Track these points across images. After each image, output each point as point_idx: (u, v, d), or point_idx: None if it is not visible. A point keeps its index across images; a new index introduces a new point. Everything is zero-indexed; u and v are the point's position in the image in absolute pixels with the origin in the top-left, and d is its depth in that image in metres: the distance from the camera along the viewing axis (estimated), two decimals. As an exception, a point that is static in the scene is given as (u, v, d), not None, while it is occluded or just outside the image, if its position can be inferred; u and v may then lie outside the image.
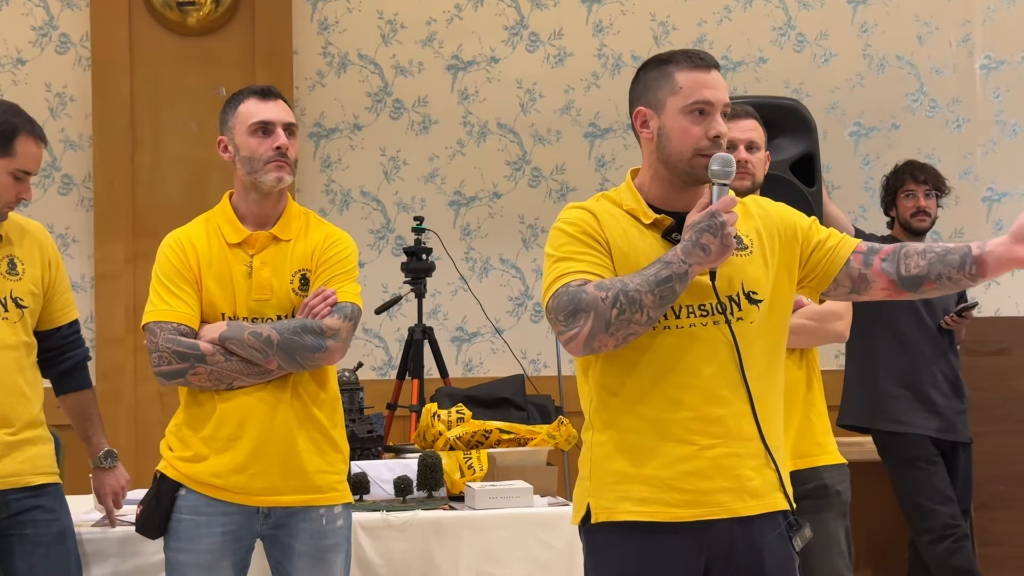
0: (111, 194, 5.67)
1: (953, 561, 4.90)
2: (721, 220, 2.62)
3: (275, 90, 3.39)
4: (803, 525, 2.74)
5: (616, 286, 2.63)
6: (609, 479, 2.71)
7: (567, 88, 6.09)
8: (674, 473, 2.66)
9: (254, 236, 3.30)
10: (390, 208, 5.99)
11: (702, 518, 2.66)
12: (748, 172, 3.61)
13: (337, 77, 5.97)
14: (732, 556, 2.68)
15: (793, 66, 6.21)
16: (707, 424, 2.66)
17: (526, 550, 3.74)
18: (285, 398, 3.23)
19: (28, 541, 3.36)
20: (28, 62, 5.76)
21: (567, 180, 6.07)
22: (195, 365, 3.19)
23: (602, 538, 2.73)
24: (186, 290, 3.26)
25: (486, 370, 5.93)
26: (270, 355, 3.18)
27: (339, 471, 3.32)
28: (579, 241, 2.73)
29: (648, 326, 2.64)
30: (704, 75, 2.73)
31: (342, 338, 3.23)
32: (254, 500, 3.23)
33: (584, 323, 2.63)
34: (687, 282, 2.63)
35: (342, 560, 3.32)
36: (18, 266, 3.42)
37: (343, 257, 3.33)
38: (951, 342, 5.11)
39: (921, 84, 6.32)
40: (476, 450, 4.01)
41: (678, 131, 2.73)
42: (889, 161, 5.56)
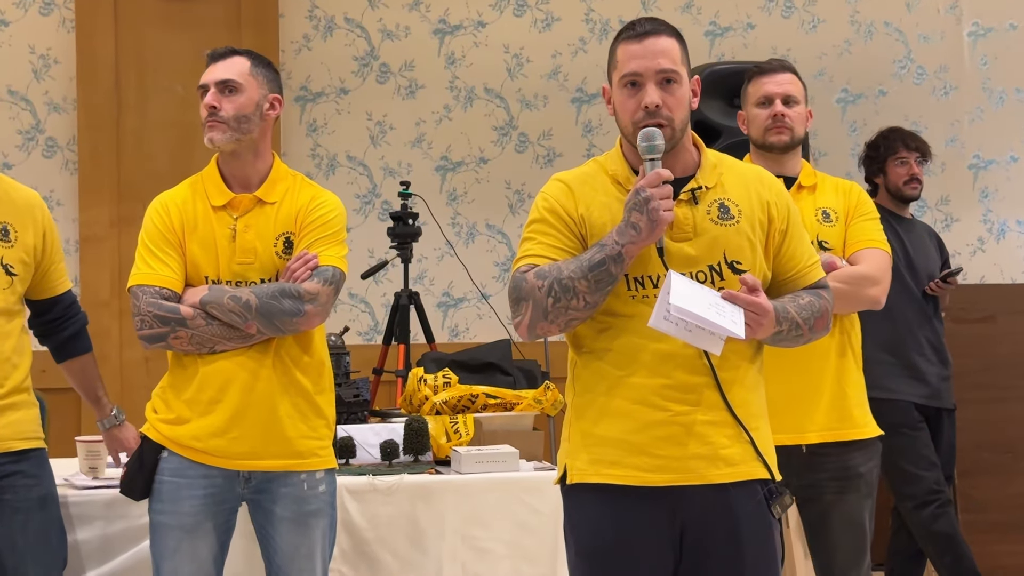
0: (96, 157, 5.65)
1: (936, 526, 4.92)
2: (645, 196, 2.61)
3: (224, 50, 3.33)
4: (783, 493, 2.74)
5: (552, 274, 2.65)
6: (584, 441, 2.73)
7: (554, 53, 6.07)
8: (647, 438, 2.67)
9: (238, 199, 3.28)
10: (376, 173, 5.97)
11: (674, 483, 2.67)
12: (786, 127, 3.57)
13: (323, 41, 5.94)
14: (707, 522, 2.69)
15: (780, 32, 6.20)
16: (682, 392, 2.67)
17: (512, 514, 3.75)
18: (267, 363, 3.21)
19: (8, 506, 3.35)
20: (11, 23, 5.72)
21: (554, 145, 6.06)
22: (176, 329, 3.18)
23: (577, 499, 2.76)
24: (170, 253, 3.25)
25: (472, 335, 5.93)
26: (249, 319, 3.16)
27: (322, 436, 3.30)
28: (542, 220, 2.76)
29: (589, 310, 2.66)
30: (635, 46, 2.72)
31: (321, 302, 3.20)
32: (234, 464, 3.23)
33: (525, 311, 2.68)
34: (624, 263, 2.64)
35: (325, 525, 3.30)
36: (11, 232, 3.40)
37: (327, 219, 3.28)
38: (935, 308, 5.11)
39: (909, 51, 6.31)
40: (462, 415, 4.02)
41: (619, 106, 2.75)
42: (876, 128, 5.55)
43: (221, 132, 3.24)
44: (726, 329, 2.58)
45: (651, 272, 2.69)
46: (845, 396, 3.52)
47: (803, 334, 2.77)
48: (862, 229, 3.59)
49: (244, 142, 3.27)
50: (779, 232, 2.79)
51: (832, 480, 3.52)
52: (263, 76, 3.32)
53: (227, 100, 3.25)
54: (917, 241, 5.11)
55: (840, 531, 3.55)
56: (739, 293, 2.63)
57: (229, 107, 3.25)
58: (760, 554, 2.72)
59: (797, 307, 2.76)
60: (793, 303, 2.76)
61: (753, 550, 2.71)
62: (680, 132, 2.73)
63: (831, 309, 2.85)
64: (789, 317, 2.73)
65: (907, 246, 5.04)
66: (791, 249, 2.81)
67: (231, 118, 3.25)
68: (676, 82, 2.71)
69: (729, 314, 2.60)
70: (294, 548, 3.26)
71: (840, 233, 3.57)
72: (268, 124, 3.33)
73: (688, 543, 2.70)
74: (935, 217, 6.26)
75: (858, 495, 3.56)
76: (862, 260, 3.53)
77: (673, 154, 2.72)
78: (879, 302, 3.57)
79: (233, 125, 3.25)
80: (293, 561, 3.27)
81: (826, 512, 3.55)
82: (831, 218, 3.58)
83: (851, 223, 3.59)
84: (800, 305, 2.77)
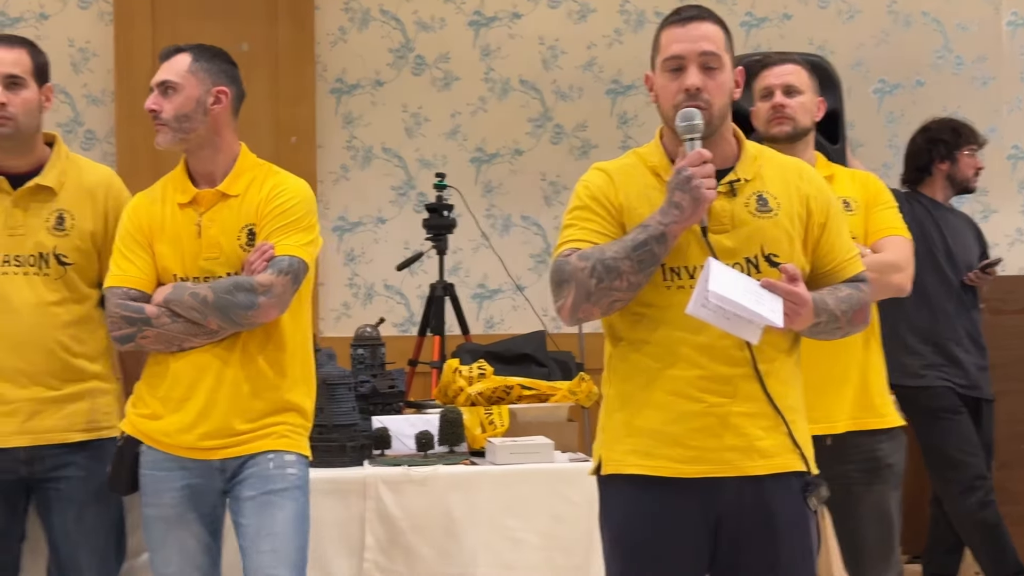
0: (133, 149, 5.68)
1: (983, 514, 4.88)
2: (687, 175, 2.61)
3: (170, 49, 3.29)
4: (819, 485, 2.73)
5: (595, 255, 2.65)
6: (619, 432, 2.74)
7: (589, 44, 6.06)
8: (681, 429, 2.67)
9: (201, 194, 3.25)
10: (411, 165, 5.98)
11: (708, 475, 2.67)
12: (786, 116, 3.57)
13: (359, 33, 5.95)
14: (742, 514, 2.69)
15: (817, 22, 6.17)
16: (717, 383, 2.67)
17: (546, 506, 3.75)
18: (233, 359, 3.19)
19: (62, 497, 3.39)
20: (51, 17, 5.76)
21: (589, 137, 6.05)
22: (142, 328, 3.18)
23: (611, 490, 2.77)
24: (138, 253, 3.24)
25: (507, 327, 5.94)
26: (208, 315, 3.14)
27: (295, 425, 3.27)
28: (584, 207, 2.76)
29: (632, 291, 2.65)
30: (679, 29, 2.73)
31: (275, 294, 3.13)
32: (205, 454, 3.21)
33: (568, 294, 2.67)
34: (667, 244, 2.63)
35: (293, 509, 3.22)
36: (67, 220, 3.41)
37: (287, 207, 3.21)
38: (974, 299, 5.09)
39: (947, 41, 6.27)
40: (497, 406, 4.02)
41: (661, 89, 2.75)
42: (914, 118, 5.52)
43: (163, 134, 3.24)
44: (764, 317, 2.57)
45: (687, 262, 2.69)
46: (868, 385, 3.52)
47: (841, 326, 2.76)
48: (883, 217, 3.59)
49: (192, 140, 3.24)
50: (818, 225, 2.79)
51: (859, 471, 3.51)
52: (204, 71, 3.25)
53: (167, 101, 3.23)
54: (956, 231, 5.09)
55: (868, 522, 3.54)
56: (778, 282, 2.62)
57: (169, 108, 3.22)
58: (796, 546, 2.72)
59: (836, 299, 2.75)
60: (832, 295, 2.75)
61: (789, 542, 2.71)
62: (719, 119, 2.72)
63: (870, 302, 2.84)
64: (828, 309, 2.72)
65: (946, 236, 5.02)
66: (830, 243, 2.80)
67: (171, 119, 3.22)
68: (718, 68, 2.71)
69: (768, 303, 2.59)
70: (255, 528, 3.20)
71: (861, 222, 3.57)
72: (218, 118, 3.26)
73: (723, 535, 2.70)
74: (973, 208, 6.20)
75: (886, 486, 3.55)
76: (885, 248, 3.54)
77: (712, 144, 2.71)
78: (904, 289, 3.56)
79: (175, 126, 3.22)
80: (255, 541, 3.19)
81: (854, 503, 3.54)
82: (851, 207, 3.57)
83: (872, 212, 3.59)
84: (839, 297, 2.76)
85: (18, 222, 3.39)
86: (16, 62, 3.38)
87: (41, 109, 3.45)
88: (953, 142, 5.13)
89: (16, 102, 3.36)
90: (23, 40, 3.47)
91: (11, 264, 3.36)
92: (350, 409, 3.78)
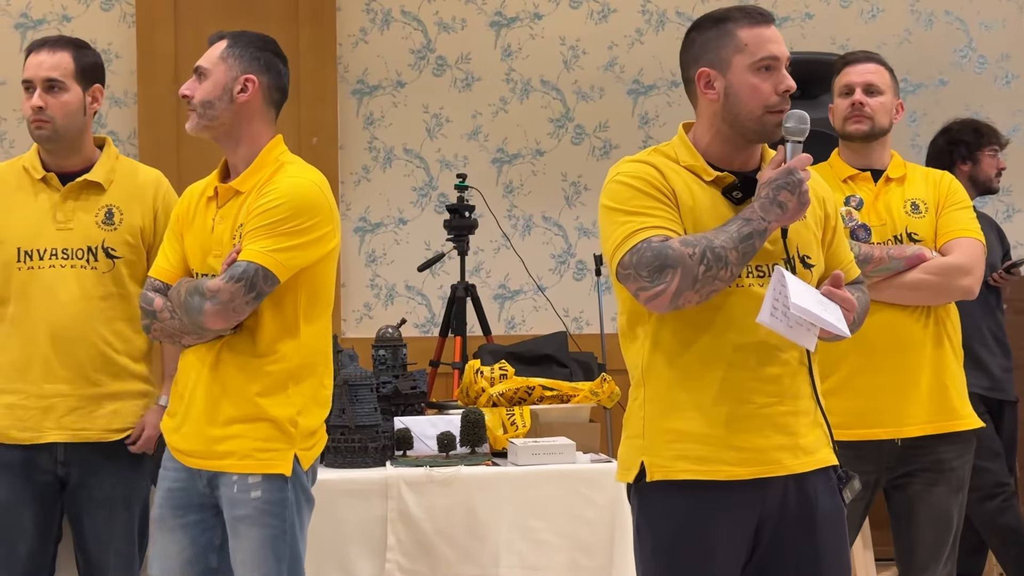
0: (156, 151, 5.69)
1: (1003, 520, 4.87)
2: (799, 177, 2.62)
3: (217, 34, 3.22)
4: (852, 478, 2.75)
5: (702, 242, 2.60)
6: (665, 437, 2.70)
7: (610, 44, 6.05)
8: (732, 431, 2.66)
9: (221, 189, 3.14)
10: (433, 165, 5.99)
11: (759, 476, 2.67)
12: (865, 115, 3.57)
13: (380, 34, 5.96)
14: (785, 512, 2.69)
15: (839, 21, 6.15)
16: (763, 383, 2.67)
17: (568, 506, 3.75)
18: (209, 361, 3.06)
19: (94, 501, 3.42)
20: (74, 19, 5.78)
21: (610, 137, 6.05)
22: (153, 321, 3.14)
23: (657, 497, 2.71)
24: (172, 243, 3.19)
25: (528, 327, 5.94)
26: (181, 315, 3.06)
27: (265, 439, 3.04)
28: (647, 195, 2.68)
29: (728, 283, 2.63)
30: (766, 30, 2.73)
31: (220, 301, 2.96)
32: (187, 460, 3.12)
33: (671, 279, 2.59)
34: (765, 240, 2.64)
35: (259, 536, 3.03)
36: (115, 215, 3.44)
37: (267, 209, 3.02)
38: (998, 299, 5.07)
39: (969, 39, 6.24)
40: (519, 407, 4.02)
41: (747, 89, 2.69)
42: (937, 118, 5.50)
43: (191, 120, 3.12)
44: (835, 326, 2.61)
45: None
46: (945, 388, 3.50)
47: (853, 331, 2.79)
48: (953, 219, 3.56)
49: (217, 128, 3.11)
50: (831, 229, 2.83)
51: (923, 472, 3.50)
52: (235, 58, 3.13)
53: (199, 86, 3.12)
54: (980, 232, 5.08)
55: (925, 524, 3.53)
56: (836, 290, 2.66)
57: (199, 93, 3.11)
58: (834, 543, 2.73)
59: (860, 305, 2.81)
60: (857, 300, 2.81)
61: (828, 538, 2.71)
62: None
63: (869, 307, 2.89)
64: (859, 314, 2.79)
65: (971, 237, 5.01)
66: (838, 246, 2.86)
67: (198, 104, 3.11)
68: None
69: (832, 311, 2.62)
70: (232, 551, 3.09)
71: (930, 224, 3.55)
72: (245, 107, 3.11)
73: (765, 534, 2.70)
74: (996, 208, 6.18)
75: (947, 488, 3.53)
76: (954, 250, 3.51)
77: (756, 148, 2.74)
78: (972, 292, 3.53)
79: (200, 111, 3.10)
80: (233, 565, 3.09)
81: (912, 503, 3.53)
82: (920, 210, 3.55)
83: (942, 213, 3.57)
84: (862, 303, 2.83)
85: (67, 216, 3.42)
86: (56, 66, 3.41)
87: (86, 110, 3.46)
88: (975, 143, 5.11)
89: (54, 105, 3.39)
90: (70, 42, 3.49)
91: (59, 257, 3.40)
92: (372, 410, 3.79)
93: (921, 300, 3.47)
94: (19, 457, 3.39)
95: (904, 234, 3.51)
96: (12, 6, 5.76)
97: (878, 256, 3.47)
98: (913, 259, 3.47)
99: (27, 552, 3.39)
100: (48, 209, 3.42)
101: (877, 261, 3.47)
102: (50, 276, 3.38)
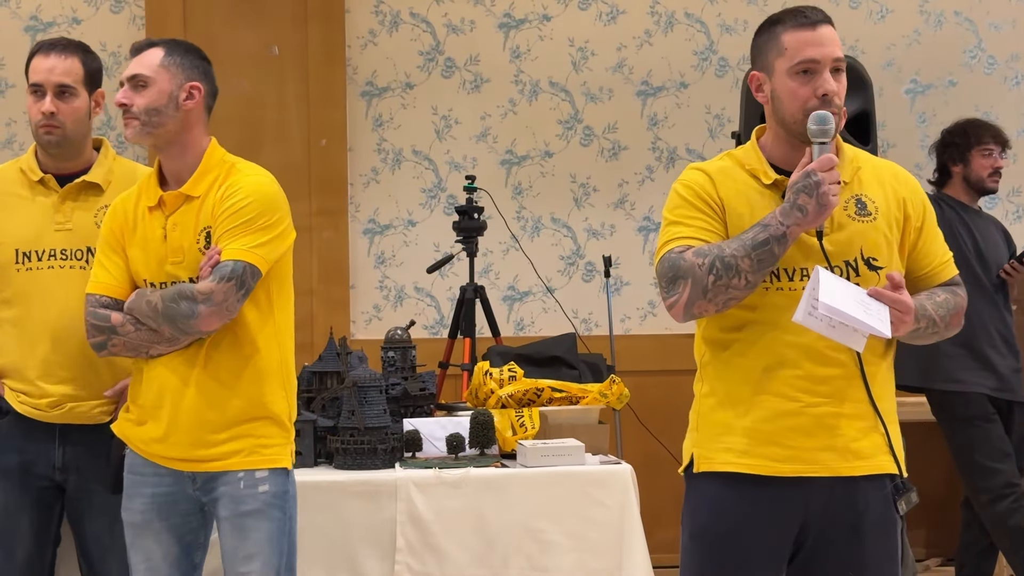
0: (165, 153, 5.71)
1: (1013, 521, 4.86)
2: (816, 180, 2.61)
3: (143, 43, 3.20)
4: (910, 489, 2.73)
5: (713, 252, 2.64)
6: (713, 430, 2.75)
7: (619, 46, 6.05)
8: (776, 428, 2.68)
9: (167, 196, 3.15)
10: (441, 167, 5.99)
11: (801, 474, 2.68)
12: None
13: (389, 36, 5.97)
14: (831, 515, 2.69)
15: (849, 22, 6.14)
16: (813, 383, 2.67)
17: (577, 508, 3.75)
18: (196, 366, 3.09)
19: (96, 509, 3.42)
20: (83, 21, 5.80)
21: (619, 139, 6.04)
22: (111, 336, 3.12)
23: (701, 486, 2.77)
24: (112, 258, 3.19)
25: (537, 329, 5.94)
26: (159, 324, 3.07)
27: (268, 435, 3.13)
28: (690, 204, 2.74)
29: (748, 290, 2.64)
30: (808, 33, 2.72)
31: (215, 302, 3.01)
32: (178, 465, 3.14)
33: (683, 290, 2.65)
34: (786, 244, 2.63)
35: (267, 529, 3.12)
36: None
37: (238, 208, 3.07)
38: (1005, 299, 5.06)
39: (979, 40, 6.23)
40: (528, 408, 4.02)
41: (787, 93, 2.71)
42: (946, 119, 5.49)
43: (132, 128, 3.12)
44: (873, 327, 2.59)
45: (789, 264, 2.69)
46: None
47: (939, 331, 2.79)
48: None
49: (161, 136, 3.14)
50: (915, 229, 2.80)
51: None
52: (177, 66, 3.15)
53: (138, 95, 3.11)
54: (986, 233, 5.06)
55: None
56: (884, 290, 2.63)
57: (140, 101, 3.11)
58: (882, 551, 2.72)
59: (934, 304, 2.77)
60: (930, 300, 2.77)
61: (875, 546, 2.71)
62: (842, 122, 2.74)
63: (965, 306, 2.86)
64: (927, 314, 2.74)
65: (977, 238, 5.00)
66: (926, 246, 2.82)
67: (141, 112, 3.11)
68: (843, 71, 2.74)
69: (876, 312, 2.61)
70: (233, 550, 3.13)
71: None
72: (189, 114, 3.15)
73: (809, 535, 2.70)
74: (1006, 208, 6.17)
75: None
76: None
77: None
78: None
79: (144, 119, 3.11)
80: (233, 563, 3.13)
81: None
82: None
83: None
84: (937, 302, 2.78)
85: (66, 217, 3.42)
86: (68, 71, 3.41)
87: (91, 115, 3.48)
88: (964, 144, 5.09)
89: (65, 111, 3.40)
90: (77, 46, 3.49)
91: (58, 258, 3.40)
92: (381, 411, 3.79)
93: None
94: (17, 463, 3.40)
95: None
96: (22, 9, 5.78)
97: None
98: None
99: (25, 557, 3.40)
100: (47, 210, 3.43)
101: None
102: (49, 277, 3.39)
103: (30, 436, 3.40)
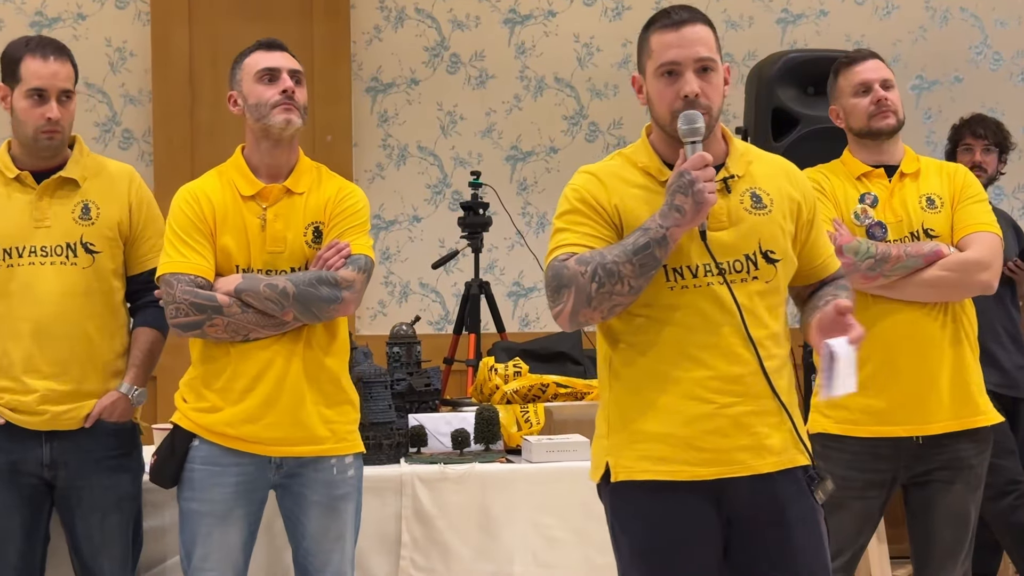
0: (171, 149, 5.72)
1: (1015, 517, 4.86)
2: (689, 178, 2.60)
3: (280, 42, 3.40)
4: (824, 478, 2.74)
5: (596, 259, 2.62)
6: (628, 438, 2.71)
7: (624, 42, 6.05)
8: (693, 432, 2.66)
9: (267, 188, 3.31)
10: (447, 163, 5.99)
11: (722, 476, 2.66)
12: (890, 110, 3.55)
13: (394, 31, 5.97)
14: (754, 511, 2.69)
15: (854, 19, 6.14)
16: (725, 383, 2.66)
17: (582, 503, 3.74)
18: (298, 350, 3.26)
19: (86, 505, 3.42)
20: (88, 17, 5.80)
21: (624, 135, 6.04)
22: (212, 317, 3.20)
23: (624, 497, 2.73)
24: (201, 242, 3.27)
25: (542, 325, 5.94)
26: (286, 307, 3.20)
27: (350, 420, 3.36)
28: (576, 211, 2.73)
29: (633, 295, 2.63)
30: (671, 34, 2.70)
31: (356, 289, 3.27)
32: (267, 450, 3.26)
33: (567, 299, 2.64)
34: (668, 247, 2.62)
35: (352, 509, 3.36)
36: (92, 210, 3.45)
37: (356, 210, 3.36)
38: (1012, 296, 5.05)
39: (985, 36, 6.22)
40: (533, 404, 4.03)
41: (656, 95, 2.73)
42: (951, 115, 5.48)
43: (296, 116, 3.30)
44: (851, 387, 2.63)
45: (690, 262, 2.68)
46: (966, 384, 3.48)
47: None
48: (970, 213, 3.52)
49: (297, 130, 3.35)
50: (807, 223, 2.81)
51: (942, 470, 3.49)
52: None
53: (299, 88, 3.34)
54: (995, 228, 5.05)
55: (942, 522, 3.51)
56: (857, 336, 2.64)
57: (299, 95, 3.32)
58: (808, 538, 2.72)
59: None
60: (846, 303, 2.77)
61: (801, 533, 2.70)
62: (715, 120, 2.72)
63: None
64: None
65: (984, 233, 4.98)
66: (816, 239, 2.83)
67: (302, 106, 3.33)
68: (713, 70, 2.70)
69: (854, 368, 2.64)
70: (323, 531, 3.31)
71: (946, 219, 3.52)
72: None
73: (735, 533, 2.70)
74: (1013, 204, 6.16)
75: (965, 487, 3.52)
76: (971, 245, 3.48)
77: (704, 142, 2.70)
78: (991, 287, 3.50)
79: (302, 113, 3.33)
80: (322, 544, 3.31)
81: (931, 501, 3.52)
82: (936, 205, 3.53)
83: (958, 207, 3.53)
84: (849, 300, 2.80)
85: (44, 214, 3.42)
86: (68, 76, 3.46)
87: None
88: (951, 139, 5.10)
89: (66, 116, 3.45)
90: (65, 48, 3.50)
91: (38, 255, 3.40)
92: (386, 407, 3.80)
93: (940, 297, 3.45)
94: (4, 462, 3.40)
95: (920, 230, 3.49)
96: (27, 4, 5.78)
97: (895, 255, 3.45)
98: (931, 256, 3.45)
99: (16, 555, 3.40)
100: (24, 207, 3.42)
101: (895, 260, 3.45)
102: (30, 274, 3.38)
103: (15, 435, 3.39)
